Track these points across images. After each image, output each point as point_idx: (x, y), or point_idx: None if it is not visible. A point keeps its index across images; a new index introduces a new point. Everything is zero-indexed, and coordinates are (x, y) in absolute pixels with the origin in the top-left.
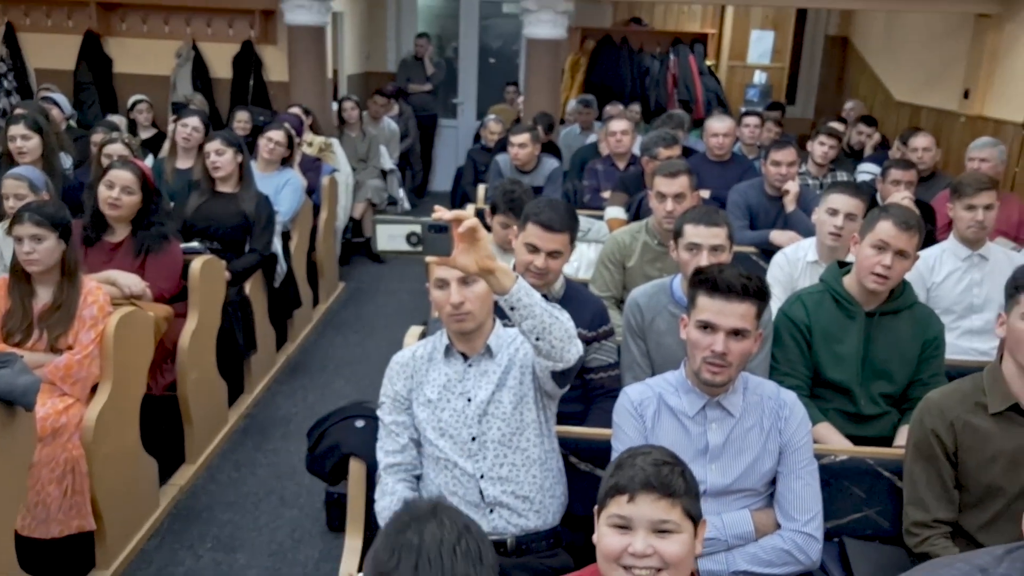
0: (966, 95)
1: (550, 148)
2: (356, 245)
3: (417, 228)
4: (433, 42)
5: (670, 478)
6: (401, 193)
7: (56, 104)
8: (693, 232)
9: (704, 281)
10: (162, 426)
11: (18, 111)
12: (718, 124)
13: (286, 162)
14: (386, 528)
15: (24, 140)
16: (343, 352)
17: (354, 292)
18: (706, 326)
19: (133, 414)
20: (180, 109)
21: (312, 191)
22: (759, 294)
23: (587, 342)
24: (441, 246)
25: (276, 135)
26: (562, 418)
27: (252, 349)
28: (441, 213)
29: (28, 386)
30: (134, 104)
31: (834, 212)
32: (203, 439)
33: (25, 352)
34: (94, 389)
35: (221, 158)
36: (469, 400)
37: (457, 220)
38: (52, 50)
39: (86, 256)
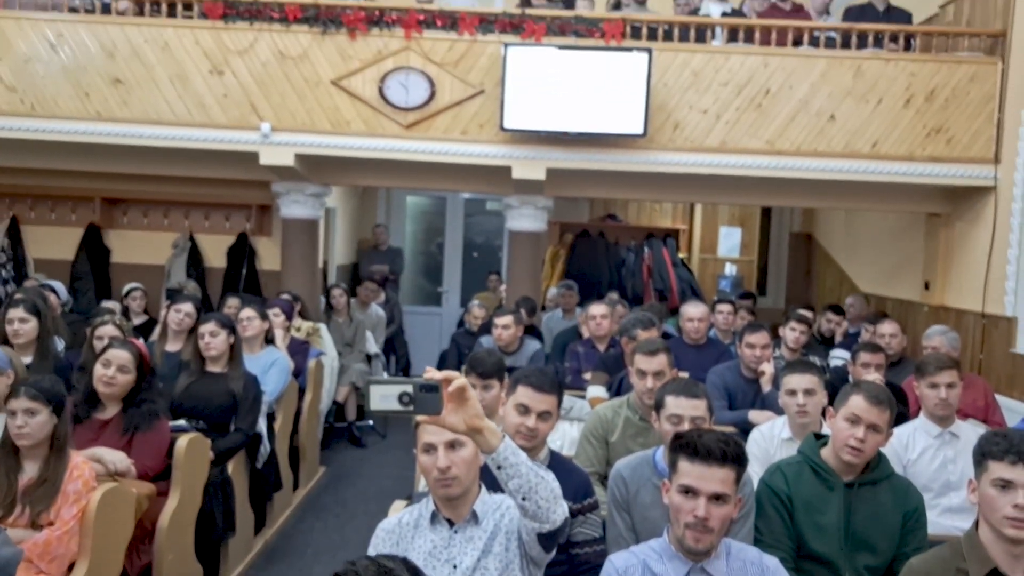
0: (927, 287)
1: (532, 331)
2: (338, 430)
3: (409, 388)
4: (421, 236)
5: None
6: (385, 377)
7: (54, 291)
8: (675, 404)
9: (685, 446)
10: None
11: (18, 295)
12: (693, 309)
13: (271, 342)
14: None
15: (22, 323)
16: (322, 538)
17: (335, 477)
18: (687, 491)
19: None
20: (173, 295)
21: (299, 373)
22: (738, 459)
23: (572, 515)
24: (431, 405)
25: (246, 313)
26: None
27: (230, 532)
28: (432, 373)
29: (10, 558)
30: (128, 292)
31: (792, 392)
32: None
33: (5, 527)
34: (70, 567)
35: (215, 339)
36: (455, 567)
37: (447, 380)
38: (53, 241)
39: (74, 432)
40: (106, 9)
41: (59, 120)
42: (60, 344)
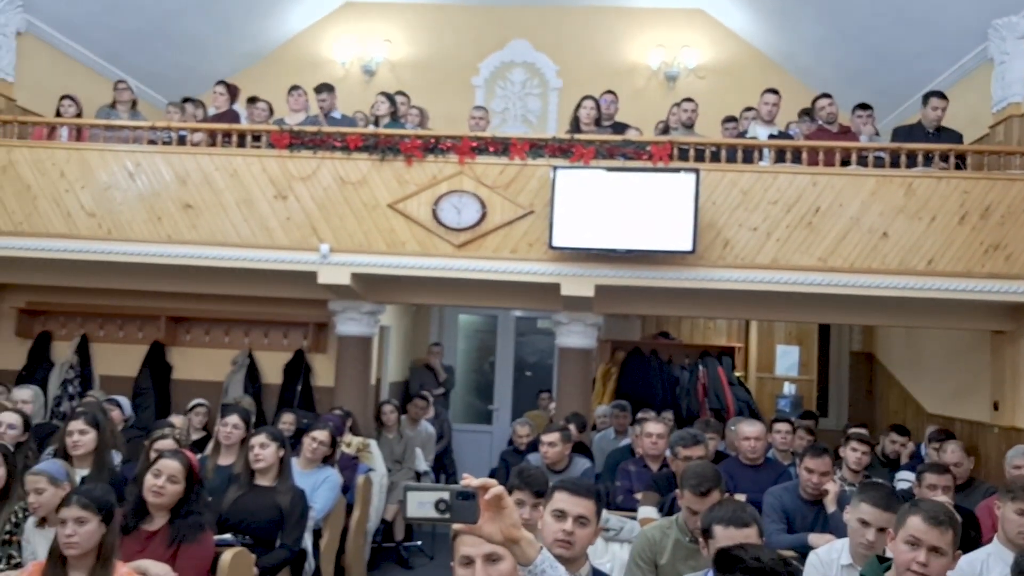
0: (996, 407)
1: (582, 449)
2: (386, 550)
3: (446, 495)
4: (473, 354)
5: None
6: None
7: (119, 406)
8: (724, 535)
9: (734, 560)
10: None
11: (80, 408)
12: (749, 428)
13: (327, 460)
14: None
15: (81, 435)
16: None
17: None
18: None
19: None
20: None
21: (347, 489)
22: None
23: None
24: (468, 514)
25: (320, 435)
26: None
27: None
28: (469, 480)
29: None
30: (193, 407)
31: (865, 523)
32: None
33: None
34: None
35: (264, 451)
36: None
37: (484, 487)
38: (119, 358)
39: (121, 543)
40: (181, 140)
41: (133, 243)
42: (118, 458)
